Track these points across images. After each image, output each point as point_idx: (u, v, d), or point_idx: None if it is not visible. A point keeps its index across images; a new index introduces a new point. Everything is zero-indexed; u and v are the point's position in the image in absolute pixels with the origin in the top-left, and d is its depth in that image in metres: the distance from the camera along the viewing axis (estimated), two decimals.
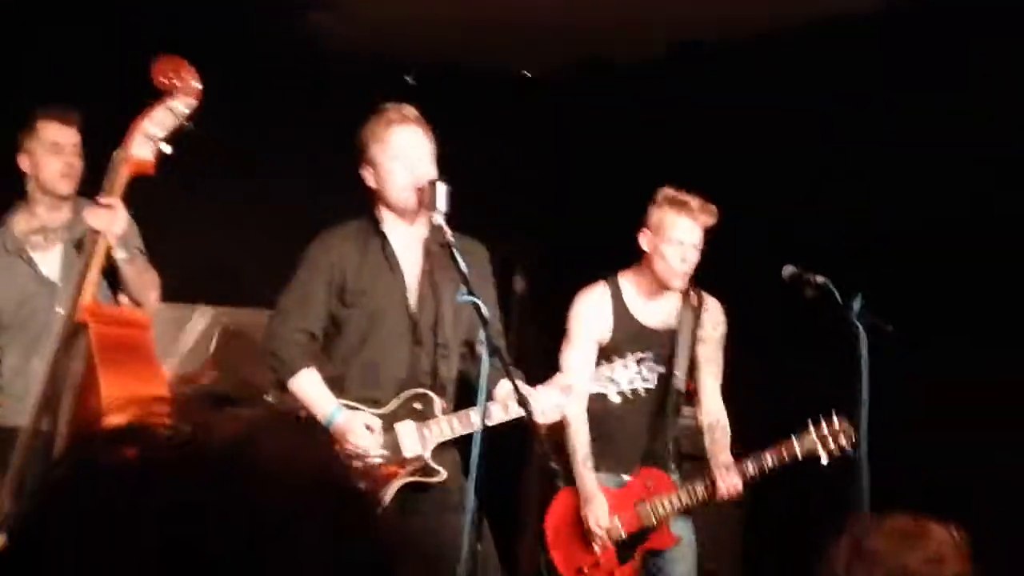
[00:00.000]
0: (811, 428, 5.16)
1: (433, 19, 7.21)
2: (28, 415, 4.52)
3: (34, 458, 4.43)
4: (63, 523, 0.95)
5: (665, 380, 5.29)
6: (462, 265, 4.48)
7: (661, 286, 5.35)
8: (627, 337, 5.30)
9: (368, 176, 4.75)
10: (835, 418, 5.14)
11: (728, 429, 5.41)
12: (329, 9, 6.87)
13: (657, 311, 5.41)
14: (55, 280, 5.19)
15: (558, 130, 8.35)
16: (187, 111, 4.41)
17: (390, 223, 4.82)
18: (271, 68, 4.76)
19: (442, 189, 4.58)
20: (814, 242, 5.93)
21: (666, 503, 5.29)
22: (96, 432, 1.01)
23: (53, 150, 5.15)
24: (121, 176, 4.41)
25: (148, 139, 4.38)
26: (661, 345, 5.27)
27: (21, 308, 5.21)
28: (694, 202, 5.21)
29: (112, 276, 4.92)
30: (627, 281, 5.43)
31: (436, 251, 4.73)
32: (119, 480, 0.96)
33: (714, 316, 5.49)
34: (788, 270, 5.22)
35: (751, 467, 5.22)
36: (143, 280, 4.99)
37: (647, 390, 4.97)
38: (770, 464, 5.19)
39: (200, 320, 6.72)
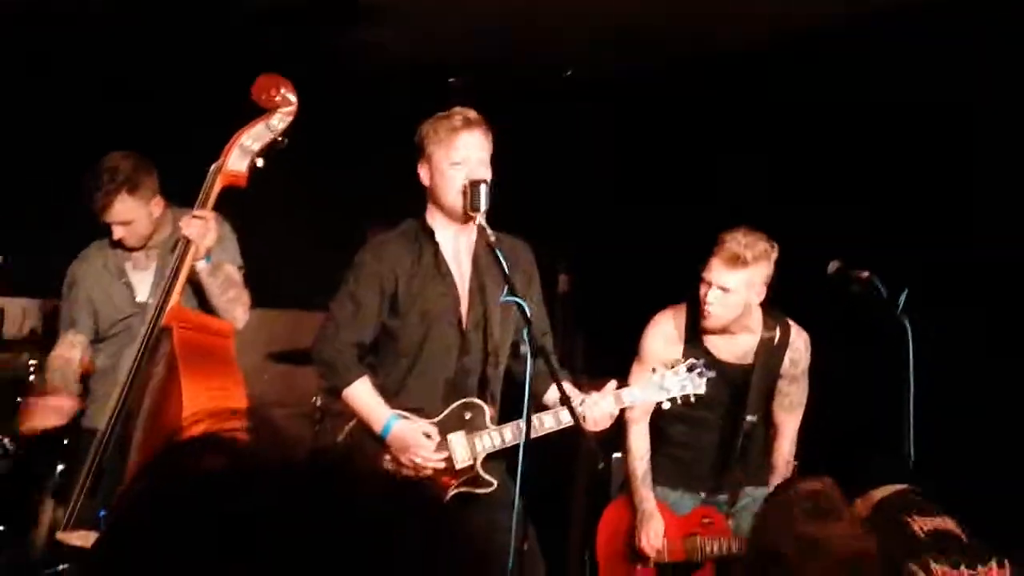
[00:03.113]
0: None
1: (477, 25, 7.22)
2: (108, 417, 4.67)
3: (109, 459, 4.57)
4: (152, 530, 0.96)
5: (734, 418, 5.23)
6: (505, 266, 4.47)
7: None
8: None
9: (424, 174, 4.72)
10: None
11: (786, 475, 5.27)
12: (379, 23, 6.87)
13: (733, 345, 5.24)
14: (148, 300, 5.28)
15: (608, 131, 8.35)
16: (283, 127, 4.60)
17: (441, 227, 4.77)
18: (325, 77, 4.82)
19: (483, 189, 4.56)
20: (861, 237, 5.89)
21: (716, 545, 5.20)
22: (183, 441, 1.01)
23: (112, 228, 5.22)
24: (215, 188, 4.60)
25: (245, 153, 4.58)
26: (735, 381, 5.17)
27: (116, 324, 5.33)
28: (735, 244, 4.99)
29: (201, 295, 5.11)
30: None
31: (485, 254, 4.69)
32: (209, 489, 0.96)
33: (796, 352, 5.31)
34: (834, 265, 5.15)
35: None
36: (229, 295, 5.09)
37: (719, 415, 5.05)
38: None
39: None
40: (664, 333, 5.28)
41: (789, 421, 5.35)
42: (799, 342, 5.31)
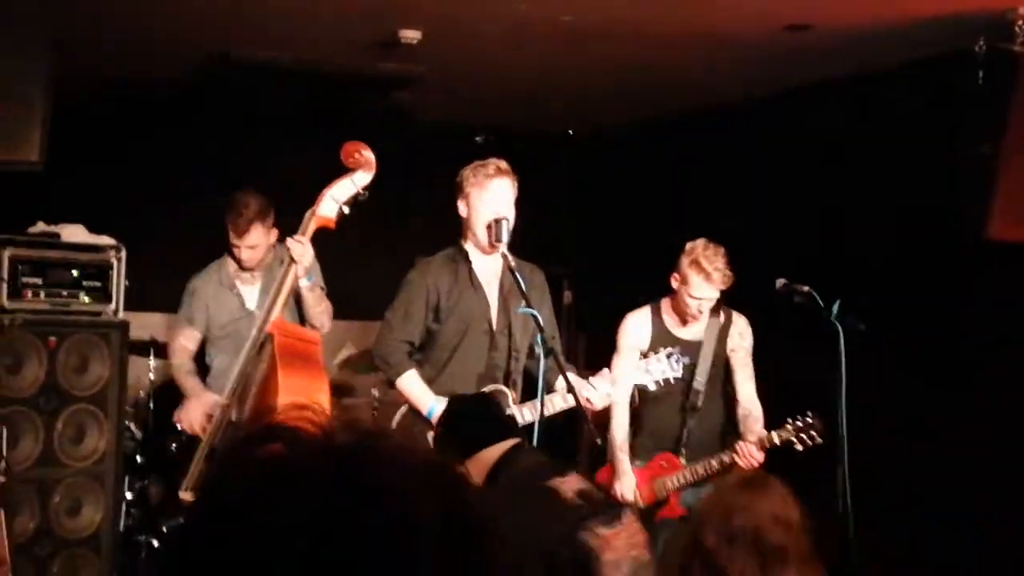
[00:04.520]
0: (787, 424, 5.13)
1: (496, 91, 7.36)
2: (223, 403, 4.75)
3: (225, 437, 4.66)
4: (223, 501, 0.97)
5: (688, 381, 5.31)
6: (522, 284, 4.54)
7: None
8: (662, 344, 5.24)
9: (462, 207, 4.78)
10: (808, 415, 5.10)
11: (760, 417, 5.33)
12: (410, 88, 7.02)
13: (689, 329, 5.41)
14: (254, 310, 5.39)
15: (601, 176, 8.47)
16: (364, 182, 4.62)
17: (474, 253, 4.84)
18: (376, 134, 4.92)
19: (505, 225, 4.65)
20: (802, 259, 5.99)
21: (674, 480, 5.28)
22: (254, 430, 1.02)
23: (240, 250, 5.41)
24: (311, 228, 4.65)
25: (334, 202, 4.60)
26: (689, 353, 5.25)
27: (227, 327, 5.46)
28: (716, 274, 5.18)
29: (299, 305, 5.17)
30: (665, 304, 5.44)
31: (507, 276, 4.75)
32: (264, 470, 0.97)
33: (740, 329, 5.45)
34: (780, 282, 5.22)
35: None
36: (320, 308, 5.26)
37: (676, 384, 5.03)
38: (761, 447, 5.13)
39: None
40: (637, 327, 5.43)
41: (750, 388, 5.44)
42: (740, 322, 5.47)
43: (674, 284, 5.34)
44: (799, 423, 5.11)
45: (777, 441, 5.13)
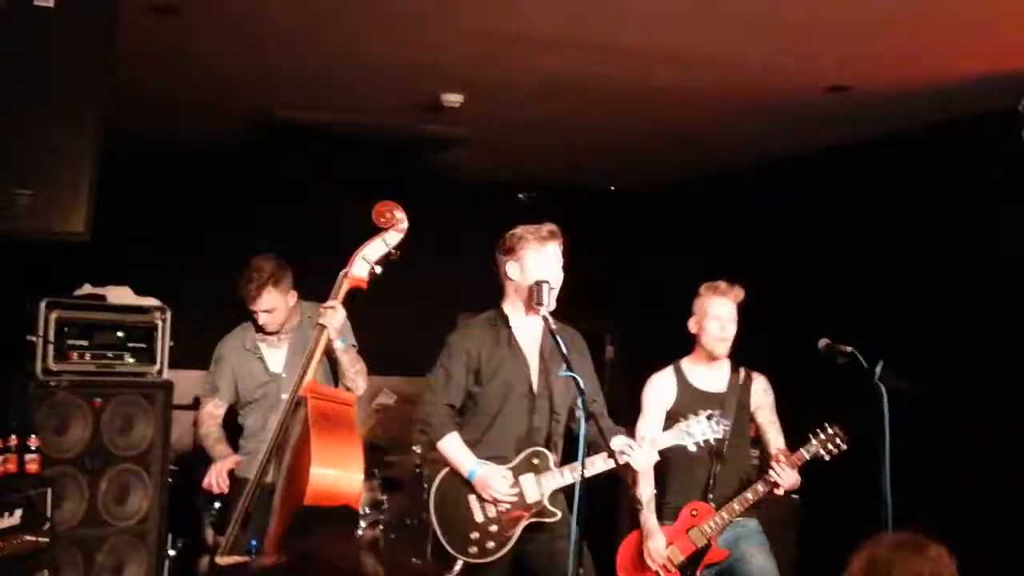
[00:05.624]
0: (812, 438, 5.08)
1: (538, 150, 7.38)
2: (257, 468, 4.68)
3: (259, 501, 4.59)
4: None
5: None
6: (563, 347, 4.48)
7: (710, 357, 5.33)
8: (687, 400, 5.25)
9: (513, 269, 4.75)
10: (828, 427, 5.07)
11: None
12: (459, 147, 7.04)
13: (711, 380, 5.36)
14: (280, 372, 5.36)
15: (643, 232, 8.46)
16: (395, 242, 4.55)
17: (515, 316, 4.82)
18: (419, 192, 4.92)
19: (546, 288, 4.61)
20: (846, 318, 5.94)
21: (710, 524, 5.17)
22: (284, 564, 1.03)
23: (257, 315, 5.32)
24: (343, 289, 4.57)
25: (365, 263, 4.54)
26: (712, 405, 5.14)
27: (255, 392, 5.39)
28: (723, 285, 5.27)
29: (332, 365, 5.13)
30: (687, 361, 5.42)
31: (548, 338, 4.72)
32: None
33: (762, 385, 5.42)
34: (823, 342, 5.17)
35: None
36: (355, 369, 5.18)
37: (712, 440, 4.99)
38: (793, 464, 5.08)
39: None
40: (661, 385, 5.39)
41: (780, 441, 5.36)
42: (761, 379, 5.43)
43: (693, 328, 5.35)
44: (822, 435, 5.09)
45: (807, 456, 5.09)
